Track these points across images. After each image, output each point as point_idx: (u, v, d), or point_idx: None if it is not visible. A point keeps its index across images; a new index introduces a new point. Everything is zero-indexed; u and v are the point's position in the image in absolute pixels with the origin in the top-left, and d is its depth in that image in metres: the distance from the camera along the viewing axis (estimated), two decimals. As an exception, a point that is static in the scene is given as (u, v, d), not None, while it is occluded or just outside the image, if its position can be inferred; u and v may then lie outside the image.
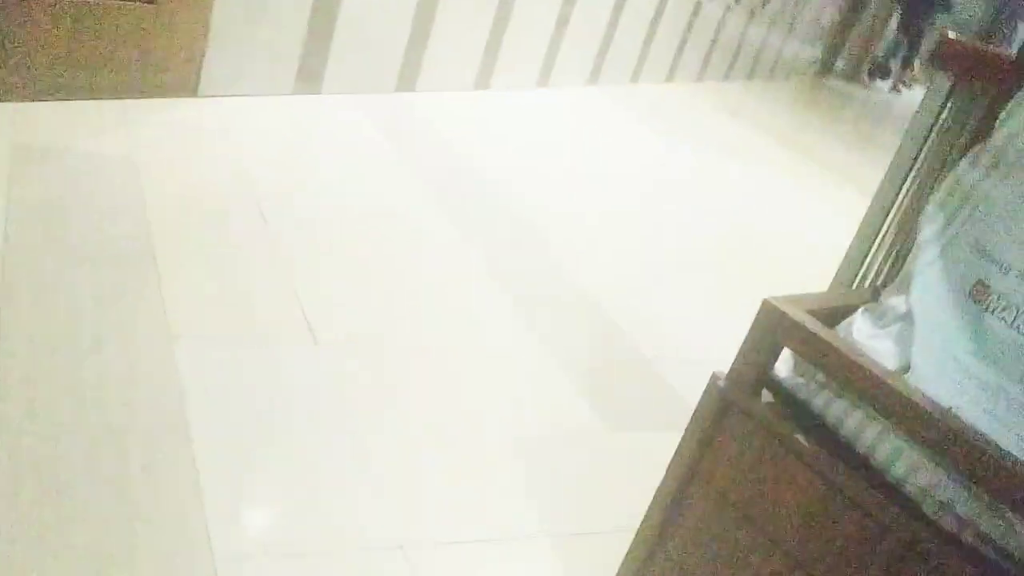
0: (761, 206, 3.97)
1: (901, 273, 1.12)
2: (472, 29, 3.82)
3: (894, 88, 10.58)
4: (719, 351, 1.29)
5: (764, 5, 6.56)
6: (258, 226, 2.19)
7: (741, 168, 4.45)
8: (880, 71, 10.66)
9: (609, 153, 3.95)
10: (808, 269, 3.10)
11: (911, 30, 10.31)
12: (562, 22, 4.29)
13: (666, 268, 2.90)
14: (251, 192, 2.33)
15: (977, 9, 12.81)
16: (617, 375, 2.12)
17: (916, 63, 10.59)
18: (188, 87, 2.75)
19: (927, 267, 1.02)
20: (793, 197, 4.33)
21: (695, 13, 5.58)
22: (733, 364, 1.07)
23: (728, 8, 6.03)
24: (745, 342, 1.05)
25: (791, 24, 7.43)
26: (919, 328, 1.00)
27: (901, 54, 10.58)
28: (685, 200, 3.66)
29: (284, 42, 2.98)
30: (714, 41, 6.09)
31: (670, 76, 5.73)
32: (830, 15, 8.40)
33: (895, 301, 1.07)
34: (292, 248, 2.14)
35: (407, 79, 3.59)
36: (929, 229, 1.04)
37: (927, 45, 10.43)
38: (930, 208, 1.06)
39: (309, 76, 3.15)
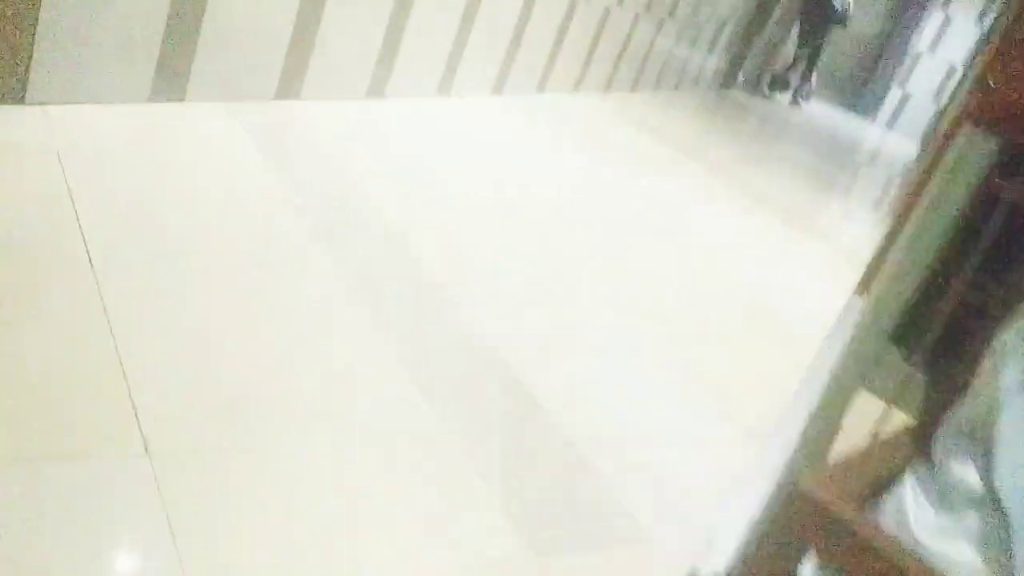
0: (672, 219, 3.70)
1: (954, 420, 0.79)
2: (366, 32, 3.41)
3: (794, 102, 10.62)
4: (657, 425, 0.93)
5: (671, 14, 6.35)
6: (82, 277, 1.73)
7: (649, 181, 4.18)
8: (780, 84, 10.69)
9: (512, 167, 3.60)
10: (730, 297, 2.77)
11: (809, 45, 10.37)
12: (465, 28, 3.92)
13: (580, 307, 2.57)
14: (77, 228, 1.87)
15: (870, 27, 13.08)
16: (536, 470, 1.75)
17: (814, 77, 10.67)
18: (12, 93, 2.26)
19: (1019, 430, 0.69)
20: (703, 211, 4.09)
21: (603, 23, 5.30)
22: (735, 562, 0.72)
23: (636, 18, 5.78)
24: (756, 535, 0.70)
25: (696, 36, 7.26)
26: (1019, 526, 0.67)
27: (800, 68, 10.63)
28: (594, 217, 3.35)
29: (138, 40, 2.51)
30: (621, 52, 5.84)
31: (577, 86, 5.43)
32: (733, 28, 8.30)
33: (960, 470, 0.74)
34: (125, 304, 1.69)
35: (290, 85, 3.15)
36: (1015, 371, 0.71)
37: (823, 59, 10.51)
38: (1010, 340, 0.73)
39: (170, 80, 2.68)
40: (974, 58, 8.84)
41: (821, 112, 11.33)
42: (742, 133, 7.37)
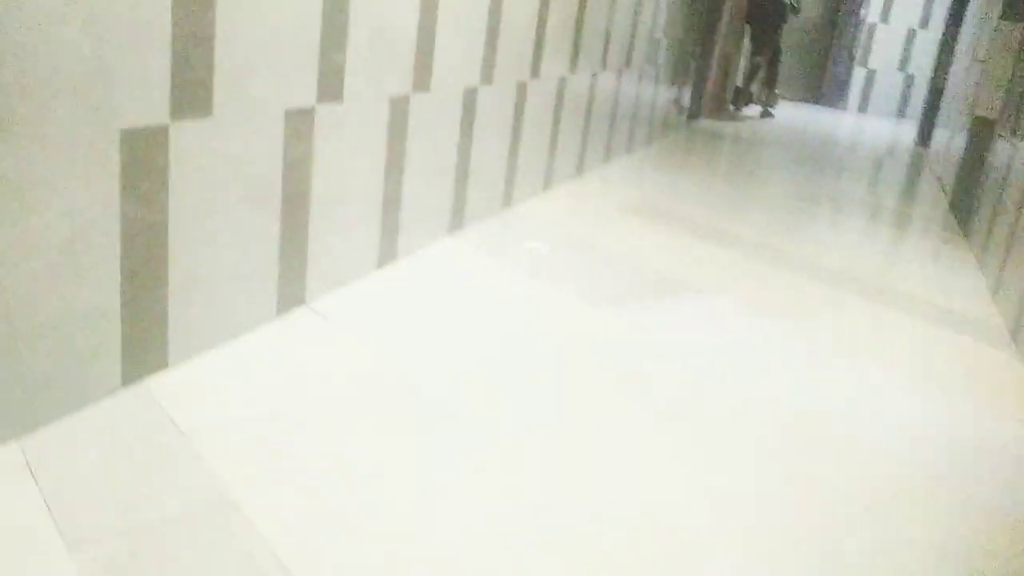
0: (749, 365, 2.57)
1: None
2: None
3: (765, 113, 9.63)
4: None
5: (627, 63, 5.29)
6: None
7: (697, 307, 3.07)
8: (744, 97, 9.72)
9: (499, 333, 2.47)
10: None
11: (765, 50, 9.42)
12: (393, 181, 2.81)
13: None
14: None
15: (815, 12, 12.21)
16: None
17: (777, 81, 9.69)
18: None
19: None
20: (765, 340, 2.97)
21: (559, 97, 4.22)
22: None
23: (594, 79, 4.71)
24: None
25: (655, 76, 6.22)
26: None
27: (761, 76, 9.67)
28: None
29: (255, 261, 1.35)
30: (586, 125, 4.76)
31: (545, 186, 4.32)
32: (686, 59, 7.28)
33: None
34: None
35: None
36: None
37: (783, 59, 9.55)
38: None
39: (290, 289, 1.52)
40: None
41: (791, 115, 10.34)
42: (727, 174, 6.29)
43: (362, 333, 2.36)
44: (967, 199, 5.46)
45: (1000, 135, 4.39)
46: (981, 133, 5.41)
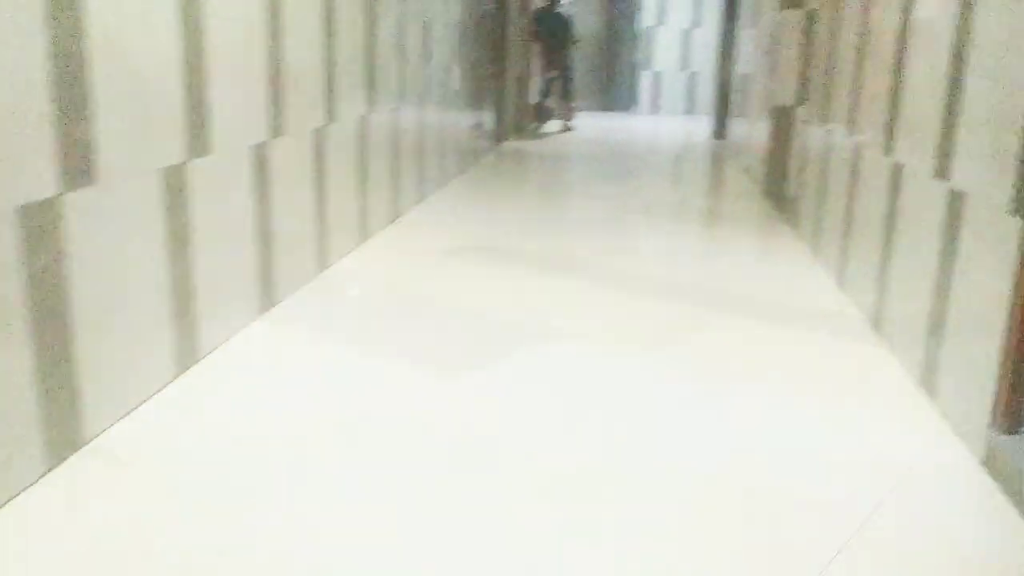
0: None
1: None
2: None
3: (565, 128, 9.61)
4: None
5: (424, 97, 4.98)
6: None
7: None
8: (544, 114, 9.67)
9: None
10: None
11: (557, 65, 9.41)
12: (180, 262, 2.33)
13: None
14: None
15: (593, 21, 12.42)
16: None
17: (573, 93, 9.70)
18: None
19: None
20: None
21: (362, 141, 3.83)
22: None
23: (396, 114, 4.35)
24: None
25: (457, 106, 5.95)
26: None
27: (557, 90, 9.66)
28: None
29: None
30: (394, 167, 4.39)
31: (362, 240, 3.91)
32: (483, 82, 7.07)
33: None
34: None
35: None
36: None
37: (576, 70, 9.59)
38: None
39: None
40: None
41: (589, 125, 10.41)
42: (543, 196, 6.13)
43: (159, 471, 1.87)
44: (780, 189, 5.51)
45: (805, 121, 4.40)
46: (782, 121, 5.47)
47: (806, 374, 2.53)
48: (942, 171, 2.37)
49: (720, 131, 8.90)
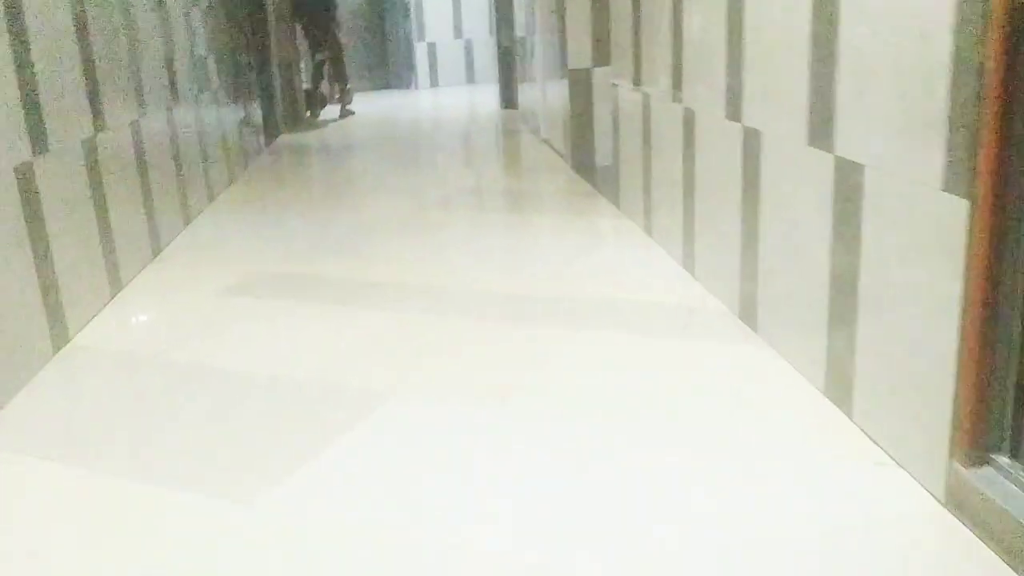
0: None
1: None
2: None
3: (345, 112, 8.85)
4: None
5: (175, 99, 4.15)
6: None
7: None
8: (318, 101, 8.86)
9: None
10: None
11: (325, 44, 8.61)
12: None
13: None
14: None
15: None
16: None
17: (347, 76, 8.95)
18: None
19: None
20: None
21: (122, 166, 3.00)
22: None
23: (134, 126, 3.52)
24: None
25: (215, 103, 5.11)
26: None
27: (327, 74, 8.87)
28: None
29: None
30: (163, 180, 3.56)
31: (114, 286, 3.10)
32: (244, 73, 6.22)
33: None
34: None
35: None
36: None
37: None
38: None
39: None
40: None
41: (368, 107, 9.70)
42: (329, 197, 5.46)
43: None
44: (589, 158, 5.11)
45: (615, 84, 3.98)
46: (580, 85, 5.06)
47: (705, 404, 2.06)
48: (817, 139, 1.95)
49: (509, 100, 8.46)
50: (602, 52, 4.75)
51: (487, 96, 10.08)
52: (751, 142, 2.37)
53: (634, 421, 1.97)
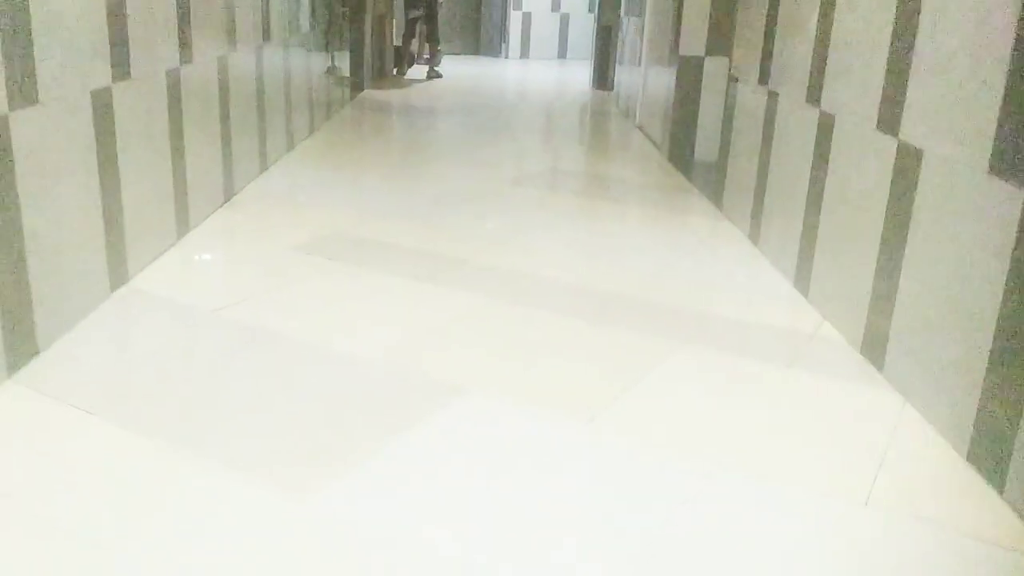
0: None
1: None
2: None
3: (432, 74, 8.64)
4: None
5: (267, 39, 3.96)
6: None
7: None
8: (407, 60, 8.66)
9: None
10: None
11: (421, 2, 8.39)
12: None
13: None
14: None
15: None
16: None
17: (439, 37, 8.73)
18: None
19: None
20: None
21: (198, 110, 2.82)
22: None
23: (257, 59, 3.33)
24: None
25: (307, 49, 4.93)
26: None
27: (418, 34, 8.66)
28: None
29: None
30: (252, 125, 3.38)
31: (181, 228, 2.93)
32: (338, 22, 6.04)
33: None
34: None
35: None
36: None
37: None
38: None
39: None
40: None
41: (456, 71, 9.47)
42: (410, 162, 5.24)
43: None
44: (688, 151, 4.81)
45: (735, 78, 3.67)
46: (688, 73, 4.76)
47: (820, 455, 1.80)
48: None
49: (603, 81, 8.15)
50: (719, 41, 4.44)
51: (579, 73, 9.77)
52: (908, 161, 2.07)
53: (737, 469, 1.71)
